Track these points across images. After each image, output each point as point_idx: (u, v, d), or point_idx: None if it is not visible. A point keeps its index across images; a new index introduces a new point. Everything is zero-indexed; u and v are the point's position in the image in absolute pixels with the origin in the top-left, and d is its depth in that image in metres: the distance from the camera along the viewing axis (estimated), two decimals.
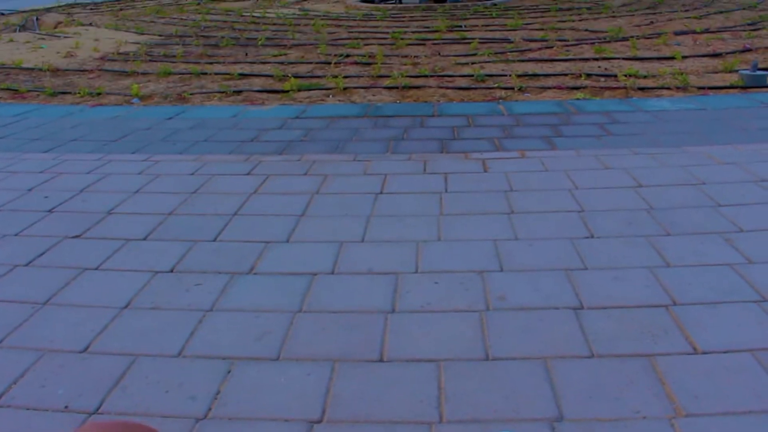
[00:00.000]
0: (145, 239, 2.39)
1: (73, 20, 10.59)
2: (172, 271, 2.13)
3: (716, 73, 5.00)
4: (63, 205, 2.77)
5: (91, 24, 9.89)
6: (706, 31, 7.07)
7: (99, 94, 4.91)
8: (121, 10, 12.17)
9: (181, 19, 9.99)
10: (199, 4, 12.49)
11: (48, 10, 12.77)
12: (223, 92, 4.76)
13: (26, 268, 2.19)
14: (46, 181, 3.07)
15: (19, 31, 9.58)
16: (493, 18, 8.60)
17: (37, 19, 10.92)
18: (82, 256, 2.26)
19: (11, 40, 8.37)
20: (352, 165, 3.11)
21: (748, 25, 7.57)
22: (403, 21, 8.61)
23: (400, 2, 10.53)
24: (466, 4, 10.18)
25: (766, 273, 1.98)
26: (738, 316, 1.76)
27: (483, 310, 1.83)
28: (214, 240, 2.35)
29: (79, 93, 4.96)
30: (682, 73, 4.85)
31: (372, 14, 9.46)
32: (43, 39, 8.42)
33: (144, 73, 5.64)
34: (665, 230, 2.30)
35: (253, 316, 1.85)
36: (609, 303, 1.84)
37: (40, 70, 6.11)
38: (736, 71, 4.86)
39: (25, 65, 6.34)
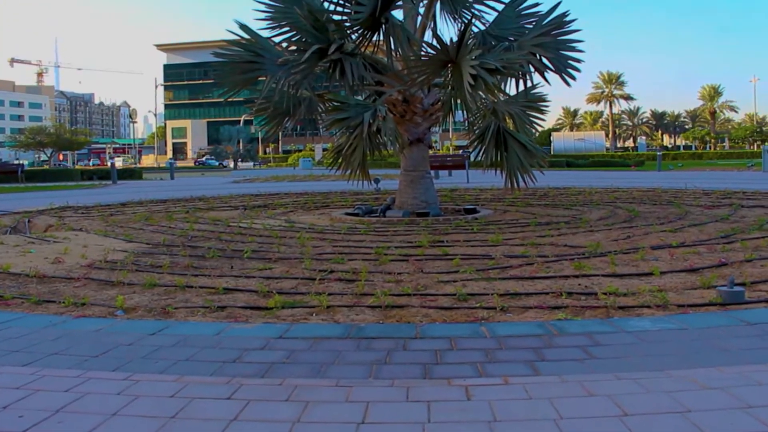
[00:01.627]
0: None
1: (64, 224, 10.91)
2: None
3: (695, 289, 5.17)
4: (38, 425, 2.71)
5: (81, 229, 10.18)
6: (682, 245, 7.40)
7: (83, 304, 4.98)
8: (111, 215, 12.59)
9: (170, 227, 10.31)
10: (187, 212, 12.94)
11: (40, 212, 13.19)
12: (207, 307, 4.83)
13: None
14: (22, 399, 3.03)
15: (10, 233, 9.82)
16: (474, 233, 8.96)
17: (28, 221, 11.23)
18: None
19: (1, 243, 8.57)
20: (334, 391, 3.11)
21: (722, 237, 7.93)
22: (386, 235, 8.93)
23: (384, 216, 11.00)
24: (448, 218, 10.64)
25: None
26: None
27: None
28: None
29: (63, 302, 5.02)
30: (661, 291, 5.02)
31: (356, 227, 9.84)
32: (32, 243, 8.63)
33: (130, 284, 5.75)
34: None
35: None
36: None
37: (27, 276, 6.22)
38: (714, 287, 5.04)
39: (12, 270, 6.45)
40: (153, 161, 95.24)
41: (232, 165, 68.07)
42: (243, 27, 11.00)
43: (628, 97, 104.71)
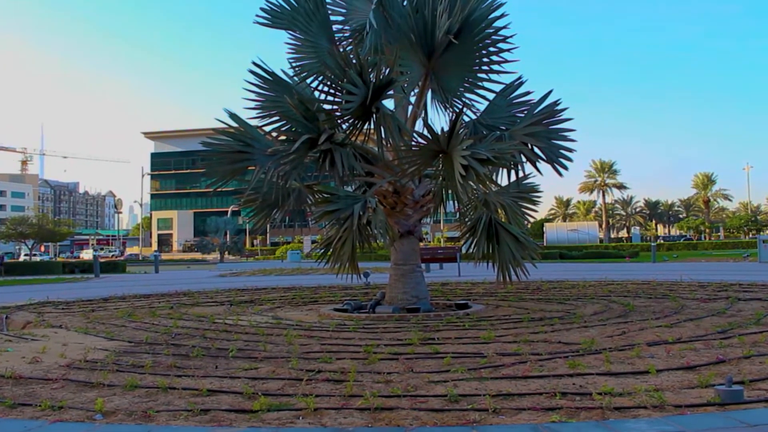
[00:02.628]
0: None
1: (44, 320, 10.80)
2: None
3: (692, 388, 5.14)
4: None
5: (61, 326, 10.08)
6: (679, 340, 7.39)
7: (61, 407, 4.88)
8: (92, 311, 12.48)
9: (153, 324, 10.23)
10: (172, 308, 12.84)
11: (19, 307, 13.07)
12: (190, 410, 4.76)
13: None
14: None
15: None
16: (466, 329, 8.92)
17: (6, 317, 11.12)
18: None
19: None
20: None
21: (719, 333, 7.93)
22: (376, 332, 8.89)
23: (374, 312, 10.96)
24: (439, 314, 10.61)
25: None
26: None
27: None
28: None
29: (40, 406, 4.92)
30: (657, 390, 4.98)
31: (345, 324, 9.78)
32: (9, 341, 8.52)
33: (110, 385, 5.66)
34: None
35: None
36: None
37: (2, 377, 6.12)
38: (712, 386, 5.01)
39: None
40: (137, 253, 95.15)
41: (218, 257, 67.98)
42: (232, 116, 11.24)
43: (621, 186, 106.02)
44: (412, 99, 11.75)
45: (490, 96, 11.90)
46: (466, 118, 11.59)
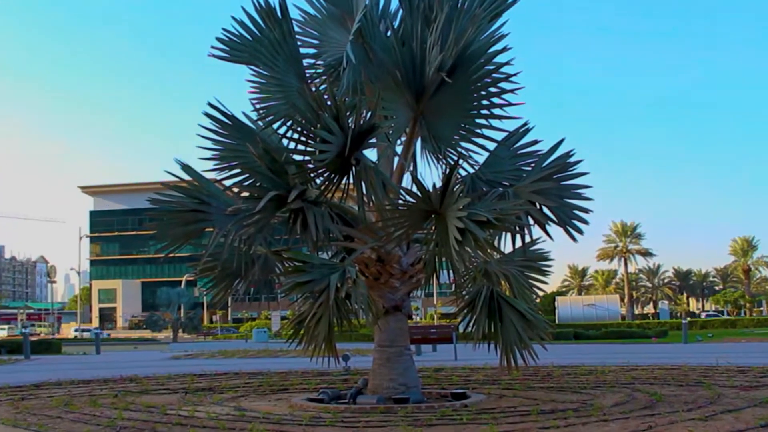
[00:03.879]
0: None
1: None
2: None
3: None
4: None
5: None
6: None
7: None
8: (22, 399, 12.35)
9: (94, 415, 10.08)
10: (116, 396, 12.68)
11: None
12: None
13: None
14: None
15: None
16: (464, 424, 8.78)
17: None
18: None
19: None
20: None
21: (763, 427, 7.82)
22: (357, 427, 8.74)
23: (355, 402, 10.77)
24: (432, 405, 10.46)
25: None
26: None
27: None
28: None
29: None
30: None
31: (321, 417, 9.61)
32: None
33: None
34: None
35: None
36: None
37: None
38: None
39: None
40: (74, 330, 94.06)
41: (171, 336, 67.40)
42: (185, 167, 11.23)
43: (646, 253, 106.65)
44: (399, 149, 11.77)
45: (491, 146, 11.79)
46: (463, 172, 11.55)
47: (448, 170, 9.74)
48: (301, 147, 10.40)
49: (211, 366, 21.79)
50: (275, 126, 11.56)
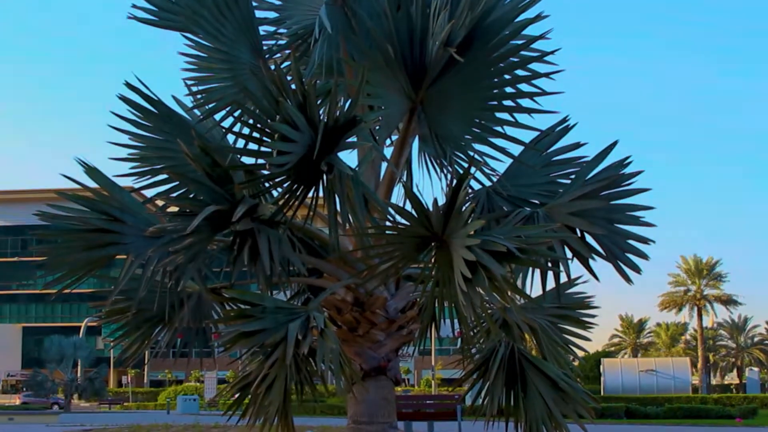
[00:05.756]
0: None
1: None
2: None
3: None
4: None
5: None
6: None
7: None
8: None
9: None
10: None
11: None
12: None
13: None
14: None
15: None
16: None
17: None
18: None
19: None
20: None
21: None
22: None
23: None
24: None
25: None
26: None
27: None
28: None
29: None
30: None
31: None
32: None
33: None
34: None
35: None
36: None
37: None
38: None
39: None
40: None
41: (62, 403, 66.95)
42: (90, 170, 11.13)
43: (729, 300, 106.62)
44: (388, 152, 11.78)
45: (516, 149, 11.66)
46: (476, 185, 11.58)
47: (455, 182, 9.68)
48: (252, 146, 10.33)
49: None
50: (217, 116, 11.58)
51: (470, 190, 10.62)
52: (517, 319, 11.47)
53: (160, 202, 11.20)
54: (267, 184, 10.45)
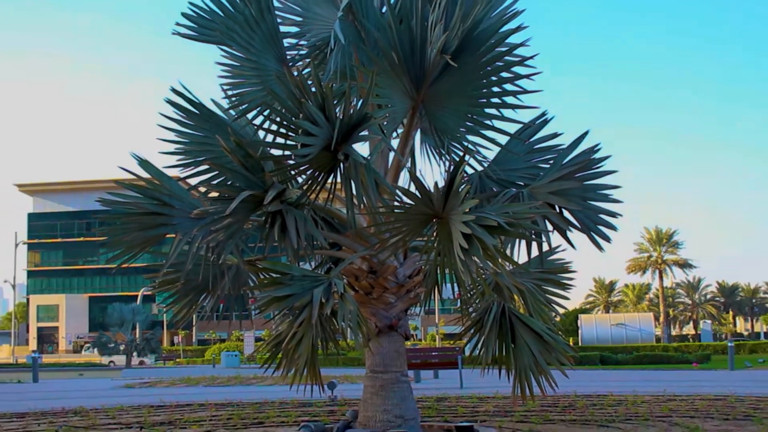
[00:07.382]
0: None
1: None
2: None
3: None
4: None
5: None
6: None
7: None
8: None
9: None
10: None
11: None
12: None
13: None
14: None
15: None
16: None
17: None
18: None
19: None
20: None
21: None
22: None
23: None
24: None
25: None
26: None
27: None
28: None
29: None
30: None
31: None
32: None
33: None
34: None
35: None
36: None
37: None
38: None
39: None
40: (8, 354, 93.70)
41: (124, 361, 67.20)
42: (143, 163, 11.18)
43: (685, 264, 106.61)
44: (395, 143, 11.80)
45: (503, 139, 11.73)
46: (470, 170, 11.63)
47: (452, 167, 9.74)
48: (280, 140, 10.38)
49: (172, 396, 21.72)
50: (250, 116, 11.64)
51: (465, 175, 10.65)
52: (508, 282, 11.47)
53: (202, 189, 11.24)
54: (293, 172, 10.46)
